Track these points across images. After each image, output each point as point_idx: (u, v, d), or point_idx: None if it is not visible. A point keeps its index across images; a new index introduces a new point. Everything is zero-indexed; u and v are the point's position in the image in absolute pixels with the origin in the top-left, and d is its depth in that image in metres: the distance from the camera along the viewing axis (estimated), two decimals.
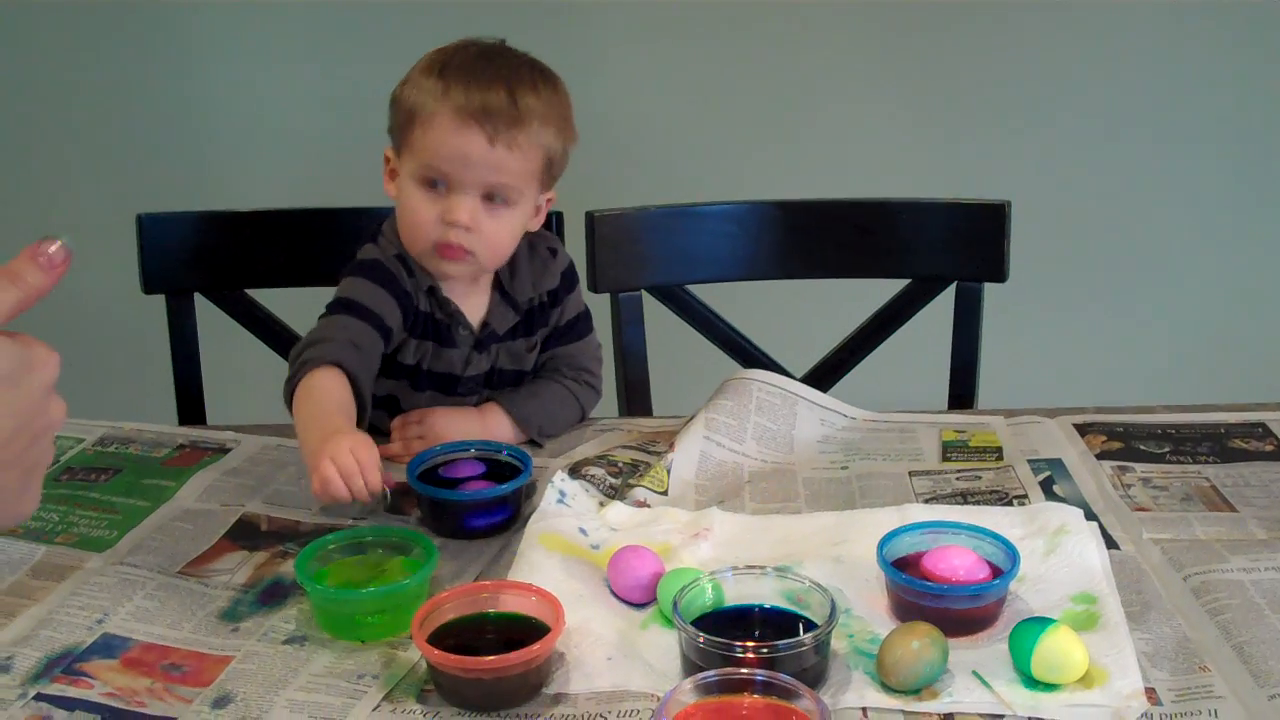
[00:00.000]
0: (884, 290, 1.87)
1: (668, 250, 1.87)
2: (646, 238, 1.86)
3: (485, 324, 1.60)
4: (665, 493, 1.44)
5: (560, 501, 1.39)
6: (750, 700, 1.05)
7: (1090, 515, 1.36)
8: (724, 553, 1.32)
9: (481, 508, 1.38)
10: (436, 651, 1.10)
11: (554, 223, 1.82)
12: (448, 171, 1.48)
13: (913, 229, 1.85)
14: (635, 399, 1.88)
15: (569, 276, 1.64)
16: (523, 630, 1.14)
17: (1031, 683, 1.11)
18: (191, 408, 1.93)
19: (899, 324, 1.88)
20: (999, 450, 1.52)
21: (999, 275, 1.82)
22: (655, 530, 1.36)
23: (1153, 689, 1.10)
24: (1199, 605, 1.21)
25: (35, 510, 0.90)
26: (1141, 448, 1.52)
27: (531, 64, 1.54)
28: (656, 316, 1.90)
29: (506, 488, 1.38)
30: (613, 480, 1.46)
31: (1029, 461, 1.49)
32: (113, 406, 1.69)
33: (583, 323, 1.66)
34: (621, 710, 1.09)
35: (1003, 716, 1.08)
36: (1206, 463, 1.48)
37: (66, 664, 1.17)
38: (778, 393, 1.60)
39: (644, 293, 1.88)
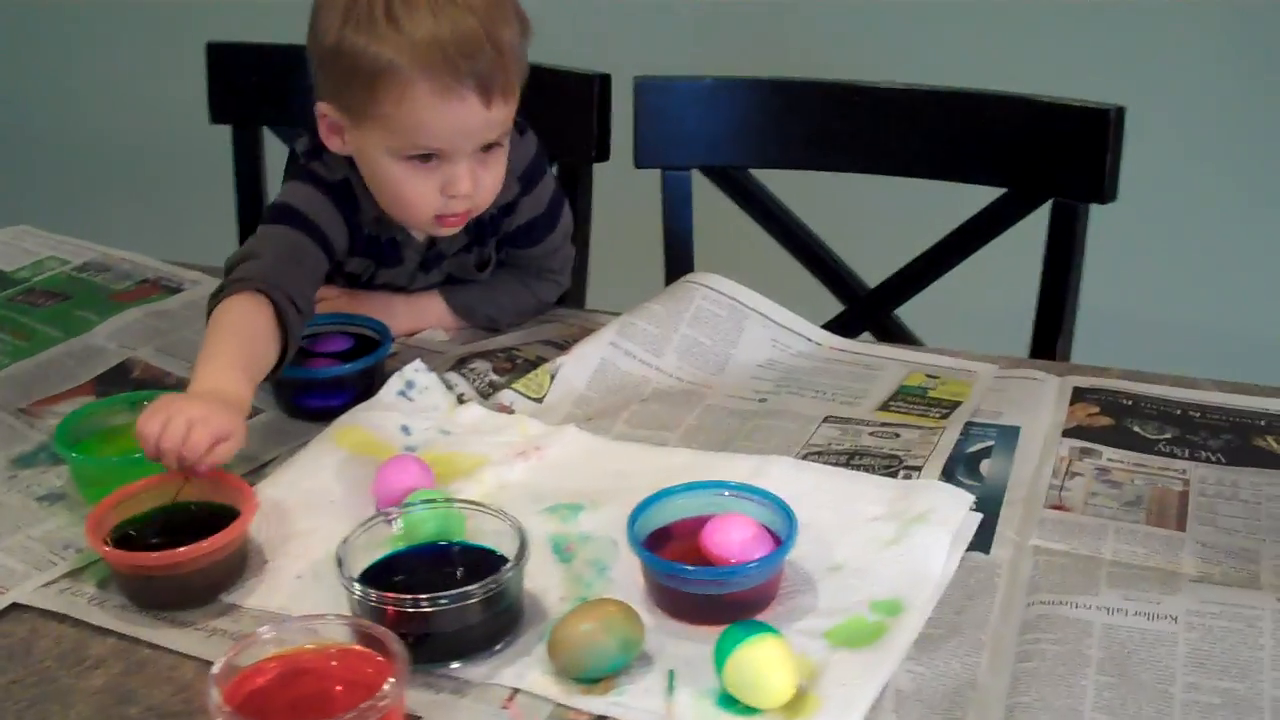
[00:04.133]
0: (975, 201, 1.57)
1: (723, 128, 1.64)
2: (699, 112, 1.64)
3: (432, 243, 1.42)
4: (541, 400, 1.28)
5: (402, 394, 1.25)
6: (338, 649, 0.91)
7: (989, 506, 1.09)
8: (539, 477, 1.16)
9: (315, 388, 1.26)
10: (92, 537, 1.02)
11: (598, 86, 1.64)
12: (442, 147, 1.26)
13: (1007, 129, 1.54)
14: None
15: (529, 175, 1.41)
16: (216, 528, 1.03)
17: (728, 700, 0.90)
18: None
19: (985, 240, 1.58)
20: (955, 406, 1.25)
21: (1099, 194, 1.49)
22: (492, 440, 1.20)
23: None
24: (1017, 643, 0.95)
25: None
26: (1134, 429, 1.20)
27: None
28: (710, 200, 1.68)
29: (339, 369, 1.26)
30: (495, 377, 1.31)
31: (977, 426, 1.21)
32: (175, 237, 1.69)
33: (540, 227, 1.44)
34: (261, 638, 0.96)
35: None
36: (1204, 461, 1.15)
37: None
38: (726, 303, 1.38)
39: (697, 173, 1.67)
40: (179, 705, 0.93)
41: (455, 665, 0.95)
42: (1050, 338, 1.55)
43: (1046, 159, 1.52)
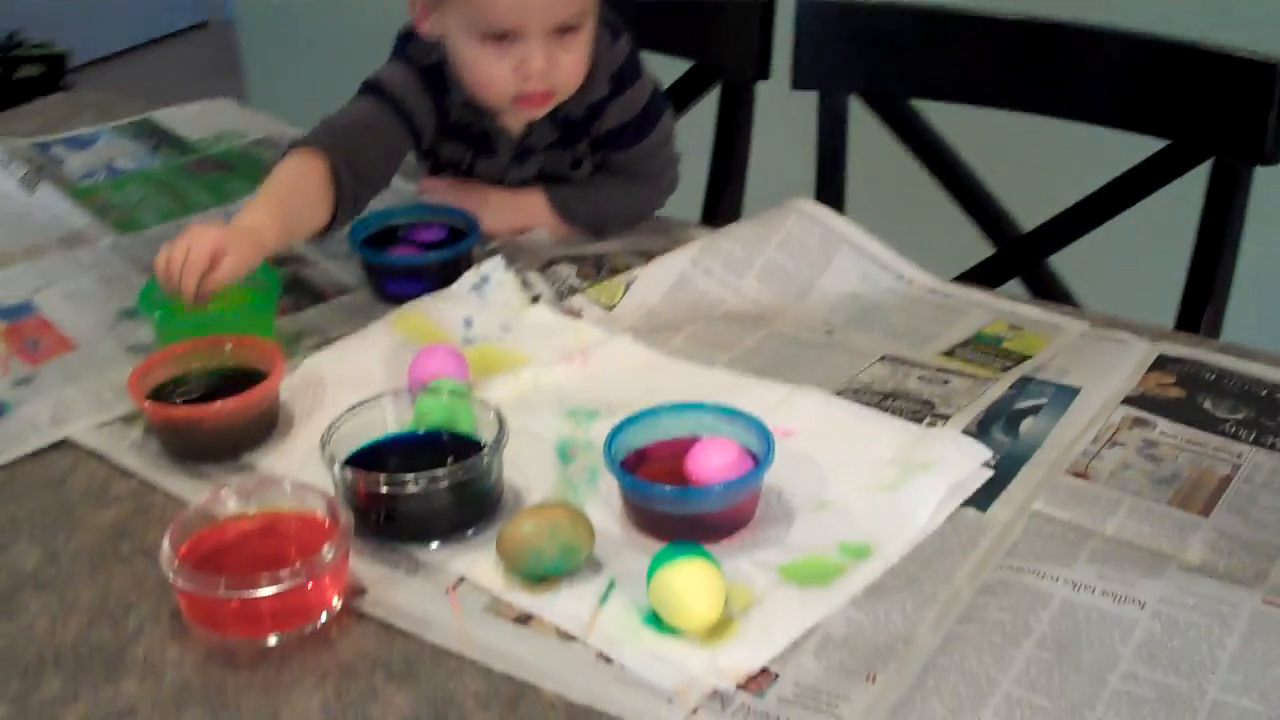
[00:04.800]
0: (1137, 154, 1.47)
1: (884, 54, 1.59)
2: (860, 37, 1.59)
3: (525, 136, 1.43)
4: (612, 308, 1.29)
5: (476, 288, 1.28)
6: (298, 515, 0.96)
7: (1011, 464, 1.04)
8: (575, 382, 1.17)
9: (397, 274, 1.31)
10: (133, 388, 1.09)
11: (761, 6, 1.61)
12: (511, 26, 1.28)
13: (1171, 77, 1.43)
14: None
15: (620, 77, 1.40)
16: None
17: (654, 618, 0.91)
18: None
19: (1143, 194, 1.47)
20: (1024, 360, 1.19)
21: (1259, 154, 1.37)
22: (546, 342, 1.23)
23: (772, 674, 0.86)
24: (966, 603, 0.91)
25: None
26: (1203, 405, 1.12)
27: None
28: (866, 128, 1.63)
29: (414, 258, 1.30)
30: (575, 282, 1.32)
31: (1035, 383, 1.15)
32: None
33: (634, 130, 1.42)
34: (260, 496, 1.01)
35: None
36: (1269, 448, 1.06)
37: None
38: (818, 232, 1.34)
39: (855, 100, 1.62)
40: None
41: (427, 546, 0.98)
42: (1198, 307, 1.45)
43: (1208, 112, 1.41)
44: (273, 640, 0.90)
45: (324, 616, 0.91)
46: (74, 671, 0.87)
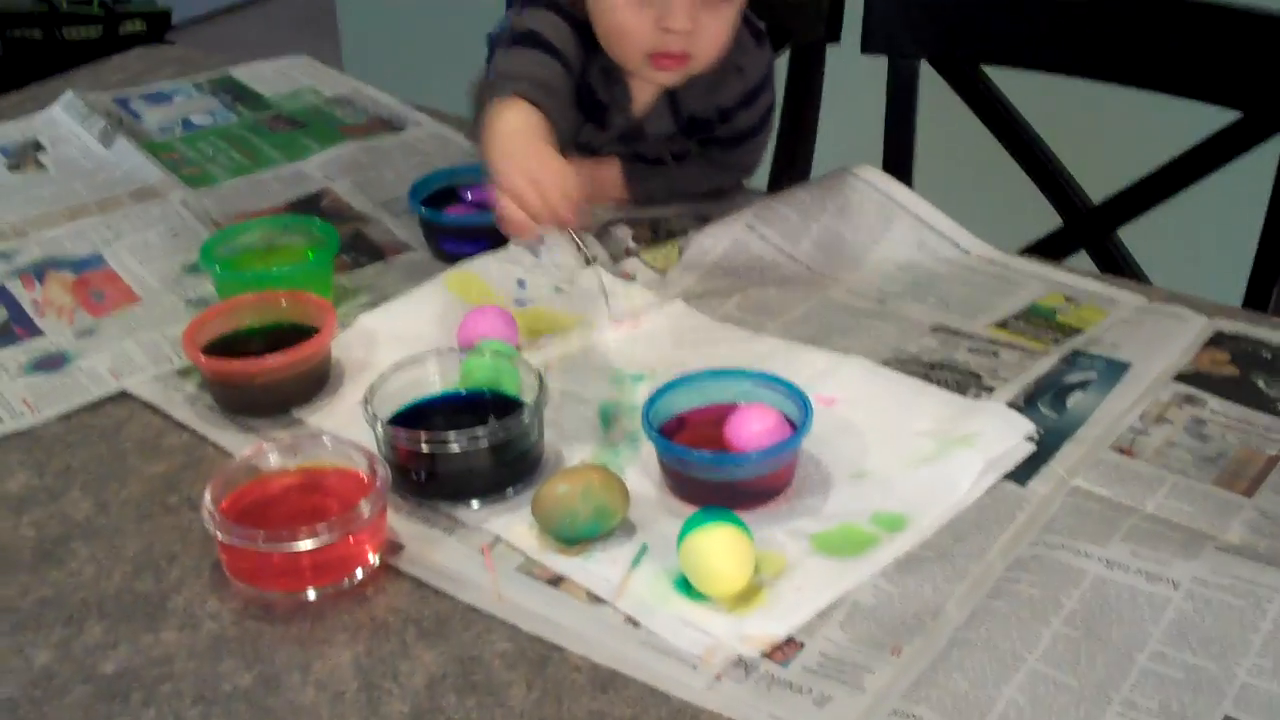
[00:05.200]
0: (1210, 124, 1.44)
1: (955, 19, 1.57)
2: (932, 0, 1.57)
3: (643, 118, 1.37)
4: (665, 273, 1.29)
5: (531, 249, 1.29)
6: (339, 470, 0.98)
7: (1054, 439, 1.04)
8: (625, 346, 1.18)
9: (453, 233, 1.32)
10: (187, 341, 1.12)
11: None
12: None
13: (1242, 46, 1.39)
14: None
15: (755, 90, 1.36)
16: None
17: (684, 584, 0.91)
18: None
19: (1214, 167, 1.44)
20: (1077, 333, 1.18)
21: None
22: (596, 304, 1.23)
23: (798, 643, 0.86)
24: (996, 578, 0.91)
25: None
26: (1258, 383, 1.10)
27: None
28: (936, 94, 1.61)
29: (468, 217, 1.31)
30: (631, 245, 1.32)
31: (1085, 357, 1.13)
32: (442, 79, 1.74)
33: (747, 135, 1.39)
34: (303, 451, 1.03)
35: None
36: None
37: (43, 268, 1.33)
38: (877, 199, 1.33)
39: (925, 64, 1.60)
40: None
41: (466, 505, 1.00)
42: (1267, 285, 1.42)
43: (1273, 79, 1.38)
44: (311, 594, 0.92)
45: (360, 573, 0.93)
46: (116, 620, 0.90)
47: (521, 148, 1.11)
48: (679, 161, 1.43)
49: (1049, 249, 1.52)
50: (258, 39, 4.89)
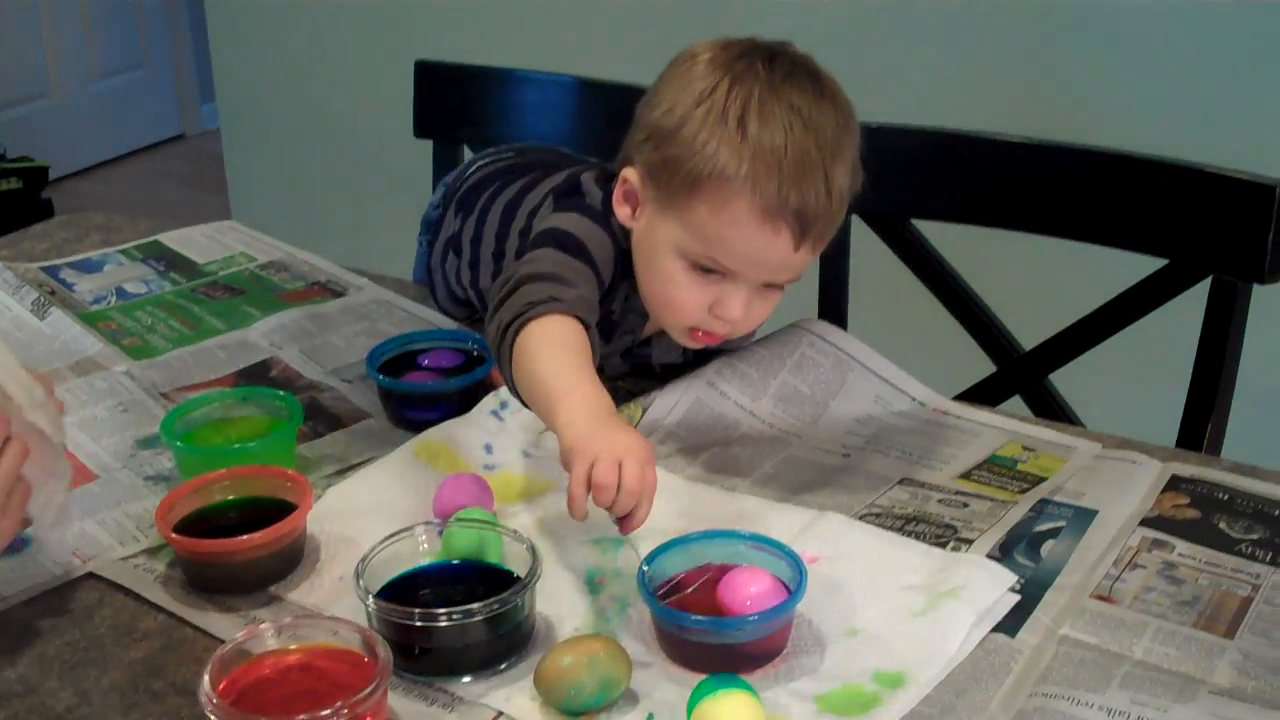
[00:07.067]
0: (1136, 273, 1.51)
1: (883, 175, 1.62)
2: (861, 157, 1.63)
3: (647, 344, 1.39)
4: None
5: (495, 413, 1.29)
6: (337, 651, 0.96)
7: (1036, 589, 1.06)
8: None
9: (415, 400, 1.32)
10: (160, 520, 1.10)
11: None
12: (735, 269, 1.20)
13: (1169, 197, 1.47)
14: None
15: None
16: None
17: None
18: None
19: (1142, 313, 1.51)
20: (1040, 481, 1.21)
21: (1259, 273, 1.40)
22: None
23: None
24: None
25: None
26: (1219, 525, 1.14)
27: (830, 100, 1.21)
28: (867, 248, 1.66)
29: (434, 385, 1.32)
30: None
31: (1053, 505, 1.17)
32: (360, 241, 1.78)
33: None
34: (297, 631, 1.01)
35: None
36: None
37: None
38: (831, 353, 1.36)
39: (855, 219, 1.66)
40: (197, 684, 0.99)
41: (460, 680, 0.99)
42: (1199, 424, 1.47)
43: (1207, 232, 1.45)
44: None
45: None
46: None
47: (607, 411, 1.08)
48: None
49: (984, 395, 1.56)
50: (139, 193, 4.87)
